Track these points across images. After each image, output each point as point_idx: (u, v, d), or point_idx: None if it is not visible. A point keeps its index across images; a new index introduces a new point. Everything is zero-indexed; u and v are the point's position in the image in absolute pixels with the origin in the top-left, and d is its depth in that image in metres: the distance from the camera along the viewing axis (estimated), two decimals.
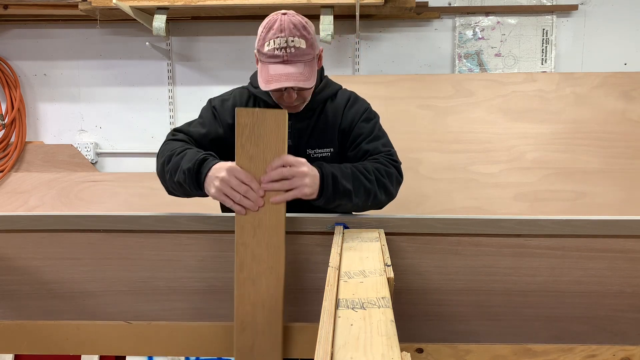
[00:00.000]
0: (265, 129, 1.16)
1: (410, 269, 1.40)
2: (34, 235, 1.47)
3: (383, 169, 1.46)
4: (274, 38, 1.42)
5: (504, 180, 2.60)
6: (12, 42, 3.04)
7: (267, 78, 1.44)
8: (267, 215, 1.23)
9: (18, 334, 1.53)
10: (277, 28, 1.42)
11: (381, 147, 1.55)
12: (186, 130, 1.56)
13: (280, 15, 1.45)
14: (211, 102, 1.63)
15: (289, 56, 1.43)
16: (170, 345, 1.51)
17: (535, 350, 1.44)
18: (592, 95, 2.61)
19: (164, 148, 1.48)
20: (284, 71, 1.43)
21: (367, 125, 1.58)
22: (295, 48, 1.43)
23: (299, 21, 1.45)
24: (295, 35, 1.43)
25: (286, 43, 1.42)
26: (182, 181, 1.34)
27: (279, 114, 1.16)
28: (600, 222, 1.33)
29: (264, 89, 1.46)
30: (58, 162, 3.03)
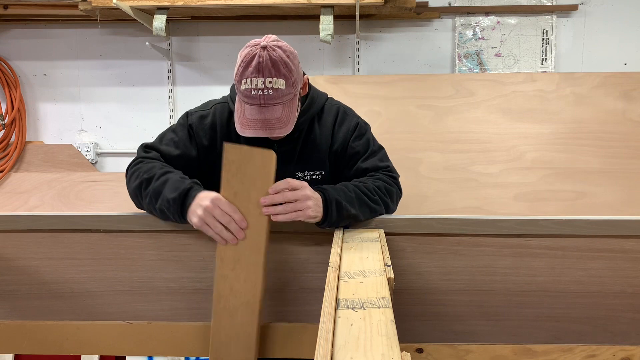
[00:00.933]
0: (253, 167, 1.17)
1: (410, 269, 1.40)
2: (34, 235, 1.47)
3: (384, 186, 1.44)
4: (250, 77, 1.32)
5: (503, 180, 2.60)
6: (12, 42, 3.04)
7: (242, 121, 1.37)
8: (247, 250, 1.23)
9: (18, 334, 1.53)
10: (255, 66, 1.32)
11: (379, 163, 1.53)
12: (157, 147, 1.48)
13: (260, 50, 1.33)
14: (188, 118, 1.54)
15: (266, 99, 1.33)
16: (170, 345, 1.51)
17: (535, 350, 1.44)
18: (592, 95, 2.61)
19: (139, 168, 1.40)
20: (259, 116, 1.35)
21: (360, 143, 1.55)
22: (274, 89, 1.33)
23: (279, 57, 1.34)
24: (274, 76, 1.33)
25: (263, 84, 1.32)
26: (165, 209, 1.29)
27: (267, 155, 1.16)
28: (600, 222, 1.33)
29: (240, 133, 1.38)
30: (58, 162, 3.03)
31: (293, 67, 1.37)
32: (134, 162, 1.44)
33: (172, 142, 1.50)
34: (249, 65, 1.33)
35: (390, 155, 1.61)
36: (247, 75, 1.33)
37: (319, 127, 1.56)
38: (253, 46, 1.36)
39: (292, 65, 1.36)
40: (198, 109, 1.56)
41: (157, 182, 1.32)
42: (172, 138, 1.51)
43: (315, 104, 1.56)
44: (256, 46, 1.35)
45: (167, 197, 1.27)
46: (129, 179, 1.42)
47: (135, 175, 1.39)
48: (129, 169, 1.44)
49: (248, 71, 1.33)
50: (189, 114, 1.55)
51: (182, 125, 1.53)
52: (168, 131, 1.55)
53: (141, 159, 1.44)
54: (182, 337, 1.50)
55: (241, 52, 1.38)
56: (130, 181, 1.41)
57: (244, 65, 1.34)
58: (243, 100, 1.36)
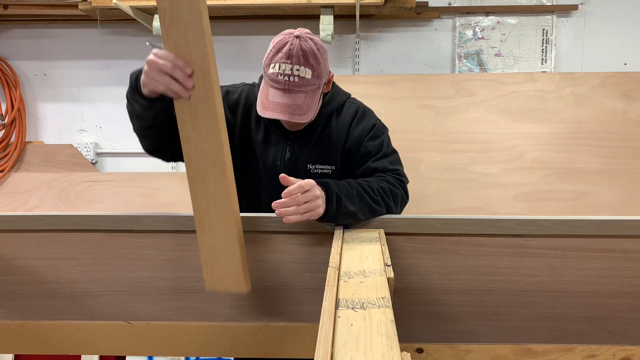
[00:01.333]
0: (185, 10, 1.08)
1: (410, 269, 1.40)
2: (34, 235, 1.47)
3: (388, 188, 1.44)
4: (280, 62, 1.37)
5: (503, 180, 2.60)
6: (12, 42, 3.04)
7: (264, 103, 1.41)
8: (201, 103, 1.14)
9: (18, 334, 1.53)
10: (285, 52, 1.37)
11: (389, 166, 1.53)
12: None
13: (293, 38, 1.38)
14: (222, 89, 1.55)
15: (291, 85, 1.38)
16: (170, 345, 1.51)
17: (535, 350, 1.44)
18: (592, 95, 2.61)
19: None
20: (281, 100, 1.39)
21: (373, 144, 1.54)
22: (300, 77, 1.38)
23: (310, 48, 1.38)
24: (302, 64, 1.37)
25: (291, 71, 1.37)
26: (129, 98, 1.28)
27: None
28: (600, 222, 1.33)
29: (259, 113, 1.43)
30: (58, 162, 3.03)
31: (321, 60, 1.41)
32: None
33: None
34: (279, 51, 1.38)
35: None
36: (276, 60, 1.38)
37: (336, 123, 1.58)
38: (287, 34, 1.41)
39: (321, 59, 1.41)
40: (227, 86, 1.61)
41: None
42: None
43: (336, 101, 1.59)
44: (290, 34, 1.40)
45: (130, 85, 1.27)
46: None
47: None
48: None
49: (278, 56, 1.38)
50: (222, 87, 1.55)
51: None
52: None
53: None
54: (182, 337, 1.50)
55: (274, 39, 1.43)
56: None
57: (275, 50, 1.39)
58: (268, 83, 1.41)
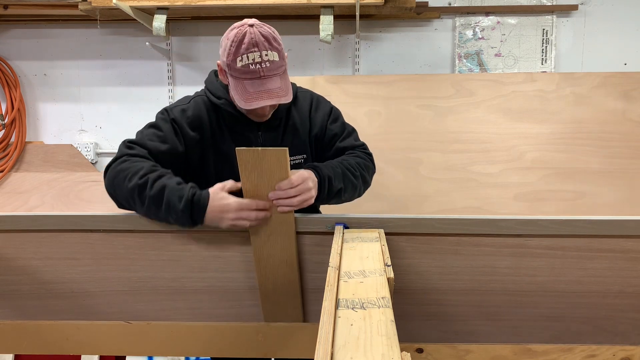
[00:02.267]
0: (268, 164, 1.26)
1: (410, 269, 1.40)
2: (34, 235, 1.46)
3: (363, 163, 1.58)
4: (246, 53, 1.37)
5: (503, 180, 2.59)
6: (12, 42, 3.04)
7: (246, 96, 1.40)
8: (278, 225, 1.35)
9: (18, 334, 1.53)
10: (248, 42, 1.37)
11: (355, 142, 1.66)
12: (142, 143, 1.43)
13: (248, 27, 1.39)
14: (169, 113, 1.51)
15: (265, 71, 1.39)
16: (170, 345, 1.51)
17: (535, 350, 1.44)
18: (592, 95, 2.61)
19: (126, 169, 1.35)
20: (263, 87, 1.40)
21: (336, 125, 1.65)
22: (270, 62, 1.39)
23: (268, 32, 1.40)
24: (268, 49, 1.39)
25: (260, 58, 1.38)
26: (172, 220, 1.31)
27: (280, 152, 1.25)
28: (600, 222, 1.33)
29: (245, 107, 1.42)
30: (58, 162, 3.03)
31: (280, 42, 1.44)
32: (119, 160, 1.39)
33: (157, 136, 1.46)
34: (242, 43, 1.37)
35: (390, 155, 1.66)
36: (242, 52, 1.37)
37: (297, 112, 1.62)
38: (240, 26, 1.40)
39: (279, 40, 1.43)
40: (176, 105, 1.55)
41: (153, 189, 1.30)
42: (154, 133, 1.46)
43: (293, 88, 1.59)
44: (243, 25, 1.40)
45: (177, 209, 1.28)
46: (115, 179, 1.36)
47: (122, 177, 1.34)
48: (112, 167, 1.38)
49: (242, 48, 1.37)
50: (167, 110, 1.53)
51: (164, 119, 1.50)
52: (147, 127, 1.50)
53: (126, 156, 1.39)
54: (182, 337, 1.50)
55: (227, 35, 1.42)
56: (117, 182, 1.36)
57: (236, 44, 1.38)
58: (241, 77, 1.40)
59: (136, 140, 1.44)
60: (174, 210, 1.28)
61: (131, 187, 1.32)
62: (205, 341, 1.50)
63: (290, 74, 3.24)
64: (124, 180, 1.34)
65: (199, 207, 1.28)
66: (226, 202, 1.28)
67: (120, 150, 1.42)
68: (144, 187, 1.31)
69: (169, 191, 1.29)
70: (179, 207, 1.28)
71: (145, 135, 1.46)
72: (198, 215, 1.29)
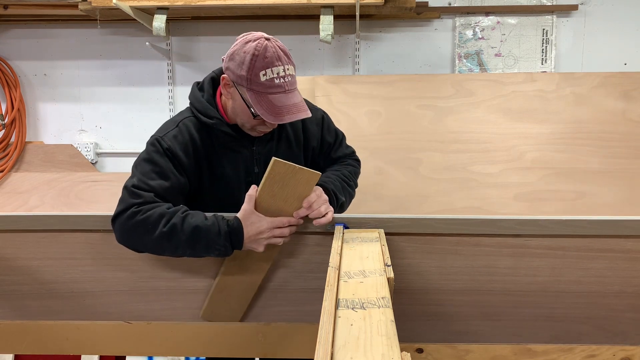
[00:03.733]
0: (296, 181, 1.31)
1: (410, 269, 1.40)
2: (34, 235, 1.47)
3: (354, 171, 1.68)
4: (271, 67, 1.35)
5: (504, 180, 2.59)
6: (12, 42, 3.04)
7: (275, 110, 1.37)
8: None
9: (18, 334, 1.53)
10: (271, 56, 1.35)
11: (346, 151, 1.73)
12: (147, 186, 1.35)
13: (266, 41, 1.37)
14: (161, 144, 1.41)
15: (288, 85, 1.38)
16: (170, 345, 1.51)
17: (535, 350, 1.44)
18: (592, 95, 2.61)
19: (142, 221, 1.30)
20: (290, 102, 1.39)
21: (329, 134, 1.69)
22: (291, 76, 1.39)
23: (283, 47, 1.41)
24: (288, 63, 1.39)
25: (284, 72, 1.37)
26: (213, 255, 1.34)
27: (312, 175, 1.30)
28: (600, 222, 1.33)
29: (275, 122, 1.39)
30: (58, 162, 3.03)
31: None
32: (129, 212, 1.31)
33: (157, 173, 1.38)
34: (265, 57, 1.35)
35: (390, 155, 1.68)
36: (266, 66, 1.35)
37: (289, 124, 1.57)
38: (257, 40, 1.38)
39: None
40: (166, 132, 1.44)
41: (185, 233, 1.30)
42: (153, 170, 1.38)
43: None
44: (260, 39, 1.38)
45: (217, 245, 1.31)
46: (133, 233, 1.32)
47: (142, 230, 1.31)
48: (123, 221, 1.32)
49: (266, 61, 1.35)
50: (159, 140, 1.42)
51: (158, 153, 1.40)
52: (143, 162, 1.40)
53: (136, 207, 1.32)
54: (182, 337, 1.50)
55: (242, 49, 1.38)
56: (136, 236, 1.33)
57: (257, 57, 1.35)
58: (265, 92, 1.36)
59: (139, 184, 1.35)
60: (214, 247, 1.31)
61: (157, 237, 1.30)
62: (205, 341, 1.50)
63: None
64: (145, 234, 1.31)
65: (238, 237, 1.32)
66: (259, 225, 1.32)
67: (126, 201, 1.33)
68: (172, 234, 1.30)
69: (204, 231, 1.30)
70: (220, 244, 1.31)
71: (145, 175, 1.37)
72: (237, 245, 1.32)
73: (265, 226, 1.32)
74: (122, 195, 1.36)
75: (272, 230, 1.32)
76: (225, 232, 1.30)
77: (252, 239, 1.32)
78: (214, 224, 1.31)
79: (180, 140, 1.44)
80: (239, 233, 1.31)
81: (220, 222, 1.31)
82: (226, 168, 1.50)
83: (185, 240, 1.30)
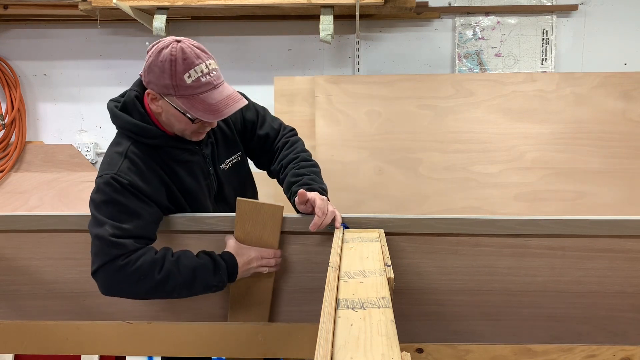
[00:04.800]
0: (262, 216, 1.36)
1: (410, 269, 1.40)
2: (34, 235, 1.47)
3: (302, 145, 1.65)
4: (193, 67, 1.30)
5: (504, 180, 2.59)
6: (12, 42, 3.04)
7: (213, 108, 1.33)
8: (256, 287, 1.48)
9: (18, 334, 1.53)
10: (190, 56, 1.30)
11: (274, 125, 1.66)
12: (124, 232, 1.29)
13: (177, 44, 1.32)
14: (119, 182, 1.32)
15: (216, 79, 1.35)
16: (170, 345, 1.51)
17: (535, 350, 1.44)
18: (592, 95, 2.61)
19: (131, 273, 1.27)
20: (223, 95, 1.35)
21: (250, 113, 1.62)
22: (215, 69, 1.36)
23: (198, 44, 1.36)
24: (208, 58, 1.35)
25: (207, 68, 1.33)
26: (212, 292, 1.37)
27: (276, 209, 1.35)
28: (600, 222, 1.33)
29: (215, 119, 1.35)
30: (58, 162, 3.03)
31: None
32: (113, 265, 1.27)
33: (127, 214, 1.31)
34: (183, 60, 1.30)
35: (390, 155, 1.65)
36: (187, 67, 1.30)
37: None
38: (167, 46, 1.31)
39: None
40: (117, 167, 1.35)
41: (182, 276, 1.31)
42: (120, 211, 1.31)
43: None
44: (172, 43, 1.32)
45: (210, 284, 1.34)
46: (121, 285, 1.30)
47: (133, 280, 1.28)
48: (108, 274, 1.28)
49: (186, 63, 1.30)
50: (115, 178, 1.32)
51: (118, 192, 1.31)
52: (107, 206, 1.31)
53: (121, 259, 1.27)
54: (182, 337, 1.50)
55: (157, 59, 1.31)
56: (125, 287, 1.30)
57: (175, 62, 1.29)
58: (195, 93, 1.32)
59: (114, 232, 1.28)
60: (212, 285, 1.35)
61: (152, 286, 1.30)
62: (205, 341, 1.50)
63: (291, 74, 3.24)
64: (137, 283, 1.29)
65: (233, 271, 1.36)
66: (248, 255, 1.38)
67: (107, 252, 1.27)
68: (168, 279, 1.30)
69: (200, 271, 1.32)
70: (217, 280, 1.34)
71: (115, 219, 1.30)
72: (233, 278, 1.37)
73: (254, 254, 1.38)
74: (97, 246, 1.28)
75: (260, 260, 1.38)
76: (224, 270, 1.34)
77: (244, 269, 1.37)
78: (209, 262, 1.34)
79: (135, 170, 1.35)
80: (234, 266, 1.36)
81: (216, 261, 1.35)
82: (186, 180, 1.44)
83: (182, 283, 1.32)
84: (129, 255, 1.28)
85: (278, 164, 1.61)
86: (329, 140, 2.62)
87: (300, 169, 1.55)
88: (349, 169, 2.60)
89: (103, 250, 1.28)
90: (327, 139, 2.62)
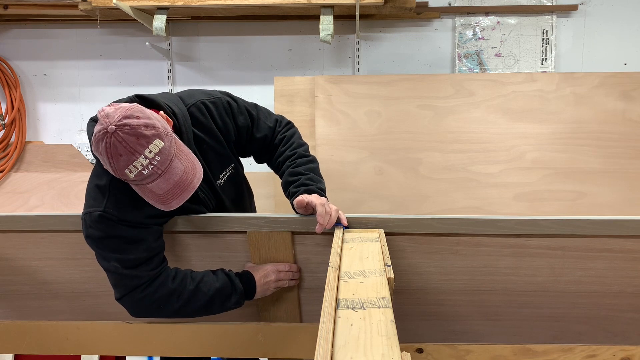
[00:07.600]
0: (274, 244, 1.43)
1: (410, 269, 1.40)
2: (34, 235, 1.47)
3: (299, 140, 1.61)
4: (132, 163, 1.19)
5: (503, 180, 2.59)
6: (12, 42, 3.04)
7: (162, 199, 1.25)
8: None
9: (18, 334, 1.53)
10: (125, 152, 1.18)
11: (269, 124, 1.59)
12: (133, 261, 1.32)
13: (112, 137, 1.18)
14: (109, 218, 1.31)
15: (159, 166, 1.21)
16: (170, 345, 1.51)
17: (535, 350, 1.44)
18: (592, 95, 2.61)
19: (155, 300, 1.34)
20: (170, 184, 1.24)
21: (241, 118, 1.53)
22: (158, 154, 1.21)
23: (134, 128, 1.19)
24: (148, 144, 1.19)
25: (147, 160, 1.20)
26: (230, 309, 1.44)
27: (285, 235, 1.41)
28: (600, 222, 1.33)
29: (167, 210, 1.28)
30: (58, 162, 3.03)
31: (153, 121, 1.23)
32: (139, 298, 1.34)
33: (130, 243, 1.32)
34: (118, 156, 1.19)
35: (390, 155, 1.64)
36: (126, 164, 1.19)
37: (202, 132, 1.45)
38: (103, 137, 1.19)
39: (150, 121, 1.22)
40: (102, 203, 1.32)
41: (203, 299, 1.39)
42: (122, 242, 1.32)
43: (184, 119, 1.41)
44: (106, 134, 1.19)
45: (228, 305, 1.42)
46: (147, 310, 1.37)
47: (156, 306, 1.37)
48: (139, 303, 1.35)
49: (122, 159, 1.19)
50: (104, 216, 1.30)
51: (113, 227, 1.31)
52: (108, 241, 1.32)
53: (141, 289, 1.33)
54: (182, 337, 1.50)
55: (97, 148, 1.22)
56: (149, 311, 1.38)
57: (112, 158, 1.20)
58: (142, 184, 1.24)
59: (126, 264, 1.31)
60: (230, 307, 1.43)
61: (173, 311, 1.40)
62: (205, 341, 1.50)
63: (291, 74, 3.23)
64: (158, 311, 1.39)
65: (251, 290, 1.43)
66: (265, 272, 1.44)
67: (123, 284, 1.33)
68: (187, 306, 1.39)
69: (218, 297, 1.40)
70: (235, 302, 1.42)
71: (120, 252, 1.31)
72: (251, 295, 1.43)
73: (270, 267, 1.44)
74: (113, 279, 1.35)
75: (277, 273, 1.44)
76: (240, 289, 1.41)
77: (262, 287, 1.43)
78: (228, 284, 1.41)
79: (122, 204, 1.32)
80: (252, 286, 1.42)
81: (234, 282, 1.41)
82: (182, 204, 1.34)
83: (203, 305, 1.40)
84: (146, 287, 1.35)
85: (275, 161, 1.61)
86: (329, 140, 2.62)
87: (297, 167, 1.53)
88: (349, 169, 2.60)
89: (119, 282, 1.36)
90: (327, 139, 2.62)
